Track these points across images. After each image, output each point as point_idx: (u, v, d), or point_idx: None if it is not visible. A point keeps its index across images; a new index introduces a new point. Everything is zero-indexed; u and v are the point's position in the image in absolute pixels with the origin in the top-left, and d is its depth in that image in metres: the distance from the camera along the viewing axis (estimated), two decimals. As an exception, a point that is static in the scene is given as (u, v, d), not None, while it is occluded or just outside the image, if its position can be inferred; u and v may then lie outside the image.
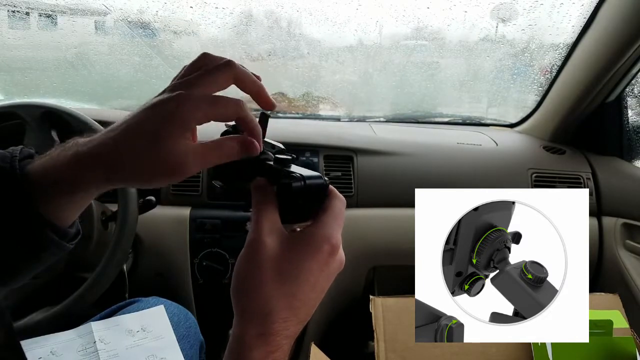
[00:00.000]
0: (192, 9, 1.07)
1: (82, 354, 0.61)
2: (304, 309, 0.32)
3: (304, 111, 1.35)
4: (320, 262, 0.31)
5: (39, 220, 0.32)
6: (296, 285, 0.31)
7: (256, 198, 0.33)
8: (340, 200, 0.34)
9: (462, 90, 1.35)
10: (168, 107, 0.30)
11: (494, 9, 1.09)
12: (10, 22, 1.13)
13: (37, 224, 0.32)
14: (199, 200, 0.98)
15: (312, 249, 0.31)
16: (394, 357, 0.72)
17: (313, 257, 0.31)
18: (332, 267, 0.32)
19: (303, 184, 0.32)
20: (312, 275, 0.31)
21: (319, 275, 0.31)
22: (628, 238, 1.00)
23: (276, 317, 0.30)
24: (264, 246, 0.31)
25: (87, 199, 0.35)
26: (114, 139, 0.31)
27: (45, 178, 0.32)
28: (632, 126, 1.11)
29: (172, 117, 0.30)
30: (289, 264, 0.31)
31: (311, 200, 0.33)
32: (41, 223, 0.32)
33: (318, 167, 1.02)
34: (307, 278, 0.31)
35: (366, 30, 1.15)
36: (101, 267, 0.71)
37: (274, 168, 0.34)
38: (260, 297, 0.30)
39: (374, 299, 0.76)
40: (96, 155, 0.31)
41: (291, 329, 0.31)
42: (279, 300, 0.30)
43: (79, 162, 0.31)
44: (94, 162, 0.31)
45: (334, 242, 0.32)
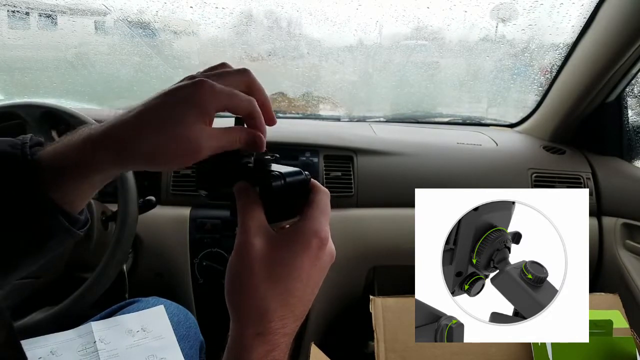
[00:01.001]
0: (192, 9, 1.07)
1: (82, 354, 0.61)
2: (300, 305, 0.32)
3: (304, 111, 1.35)
4: (311, 257, 0.32)
5: (50, 206, 0.32)
6: (289, 282, 0.31)
7: (240, 201, 0.33)
8: (324, 193, 0.35)
9: (462, 90, 1.35)
10: (189, 92, 0.31)
11: (494, 9, 1.09)
12: (10, 22, 1.13)
13: (49, 209, 0.32)
14: (198, 200, 0.98)
15: (302, 245, 0.31)
16: (394, 357, 0.71)
17: (303, 253, 0.31)
18: (323, 260, 0.33)
19: (283, 182, 0.33)
20: (304, 270, 0.31)
21: (310, 270, 0.32)
22: (628, 238, 1.00)
23: (272, 316, 0.30)
24: (252, 247, 0.31)
25: (98, 183, 0.34)
26: (129, 120, 0.31)
27: (56, 162, 0.31)
28: (632, 126, 1.11)
29: (192, 101, 0.30)
30: (280, 262, 0.31)
31: (294, 197, 0.34)
32: (52, 209, 0.32)
33: (318, 167, 1.02)
34: (300, 274, 0.31)
35: (366, 30, 1.15)
36: (101, 267, 0.71)
37: (254, 169, 0.35)
38: (254, 297, 0.30)
39: (374, 299, 0.76)
40: (109, 135, 0.31)
41: (289, 326, 0.31)
42: (273, 299, 0.30)
43: (91, 143, 0.31)
44: (106, 143, 0.31)
45: (322, 235, 0.32)
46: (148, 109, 0.31)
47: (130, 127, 0.30)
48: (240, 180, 0.34)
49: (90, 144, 0.31)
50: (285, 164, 0.39)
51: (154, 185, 0.98)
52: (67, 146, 0.32)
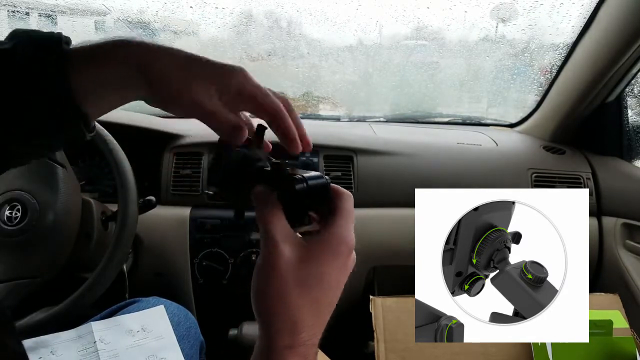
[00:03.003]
0: (192, 9, 1.07)
1: (82, 354, 0.61)
2: (327, 313, 0.32)
3: (304, 111, 1.35)
4: (340, 264, 0.32)
5: (74, 110, 0.31)
6: (319, 290, 0.31)
7: (260, 207, 0.32)
8: (348, 197, 0.34)
9: (462, 90, 1.35)
10: (228, 69, 0.32)
11: (494, 9, 1.09)
12: (10, 22, 1.13)
13: (71, 112, 0.31)
14: (199, 200, 0.98)
15: (331, 253, 0.31)
16: (394, 357, 0.71)
17: (334, 262, 0.31)
18: (349, 267, 0.33)
19: (305, 185, 0.32)
20: (333, 278, 0.32)
21: (338, 276, 0.32)
22: (628, 238, 1.00)
23: (303, 326, 0.30)
24: (281, 256, 0.30)
25: (121, 101, 0.33)
26: (170, 63, 0.32)
27: (88, 71, 0.31)
28: (632, 126, 1.11)
29: (224, 80, 0.32)
30: (310, 271, 0.30)
31: (315, 201, 0.33)
32: (75, 112, 0.31)
33: (318, 167, 1.02)
34: (329, 281, 0.31)
35: (366, 30, 1.15)
36: (101, 267, 0.70)
37: (272, 172, 0.34)
38: (286, 307, 0.30)
39: (374, 299, 0.76)
40: (148, 65, 0.31)
41: (316, 336, 0.31)
42: (304, 308, 0.30)
43: (127, 70, 0.31)
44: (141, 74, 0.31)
45: (350, 243, 0.32)
46: (192, 60, 0.32)
47: (168, 69, 0.32)
48: (257, 183, 0.34)
49: (126, 70, 0.31)
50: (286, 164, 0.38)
51: (154, 185, 0.98)
52: (102, 65, 0.31)
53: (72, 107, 0.30)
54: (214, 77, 0.32)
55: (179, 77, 0.31)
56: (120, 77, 0.31)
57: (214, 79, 0.32)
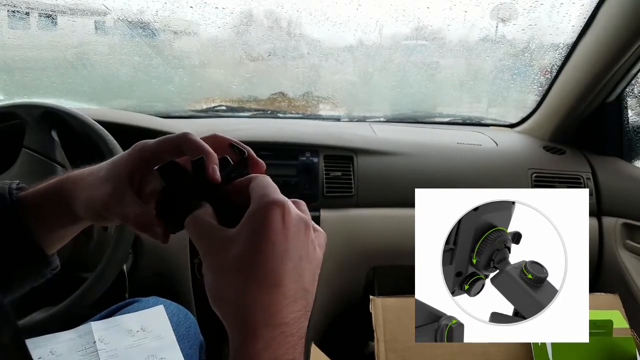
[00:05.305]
0: (192, 9, 1.07)
1: (82, 354, 0.61)
2: (306, 287, 0.29)
3: (304, 111, 1.35)
4: (279, 229, 0.28)
5: (34, 248, 0.36)
6: (277, 264, 0.28)
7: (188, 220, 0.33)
8: (257, 165, 0.36)
9: (462, 90, 1.35)
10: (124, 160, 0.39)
11: (494, 9, 1.09)
12: (10, 22, 1.13)
13: (32, 251, 0.36)
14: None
15: (260, 222, 0.28)
16: (394, 357, 0.71)
17: (268, 229, 0.28)
18: (295, 226, 0.29)
19: (170, 165, 0.36)
20: (281, 245, 0.28)
21: (285, 242, 0.28)
22: (628, 238, 1.00)
23: (286, 312, 0.28)
24: (210, 252, 0.30)
25: (73, 232, 0.40)
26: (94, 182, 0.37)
27: (37, 208, 0.37)
28: (632, 126, 1.11)
29: (125, 173, 0.37)
30: (253, 253, 0.28)
31: (227, 184, 0.33)
32: (36, 251, 0.36)
33: (318, 167, 1.01)
34: (278, 252, 0.28)
35: (366, 30, 1.15)
36: (101, 267, 0.70)
37: None
38: (234, 299, 0.28)
39: (374, 299, 0.76)
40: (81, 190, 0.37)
41: (302, 320, 0.29)
42: (253, 291, 0.28)
43: (65, 200, 0.37)
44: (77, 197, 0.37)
45: (275, 199, 0.29)
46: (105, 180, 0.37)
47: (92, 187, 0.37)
48: (202, 200, 0.34)
49: (65, 200, 0.37)
50: (286, 164, 0.38)
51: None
52: (45, 197, 0.37)
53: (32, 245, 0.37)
54: (127, 184, 0.36)
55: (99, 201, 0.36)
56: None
57: (128, 185, 0.36)
